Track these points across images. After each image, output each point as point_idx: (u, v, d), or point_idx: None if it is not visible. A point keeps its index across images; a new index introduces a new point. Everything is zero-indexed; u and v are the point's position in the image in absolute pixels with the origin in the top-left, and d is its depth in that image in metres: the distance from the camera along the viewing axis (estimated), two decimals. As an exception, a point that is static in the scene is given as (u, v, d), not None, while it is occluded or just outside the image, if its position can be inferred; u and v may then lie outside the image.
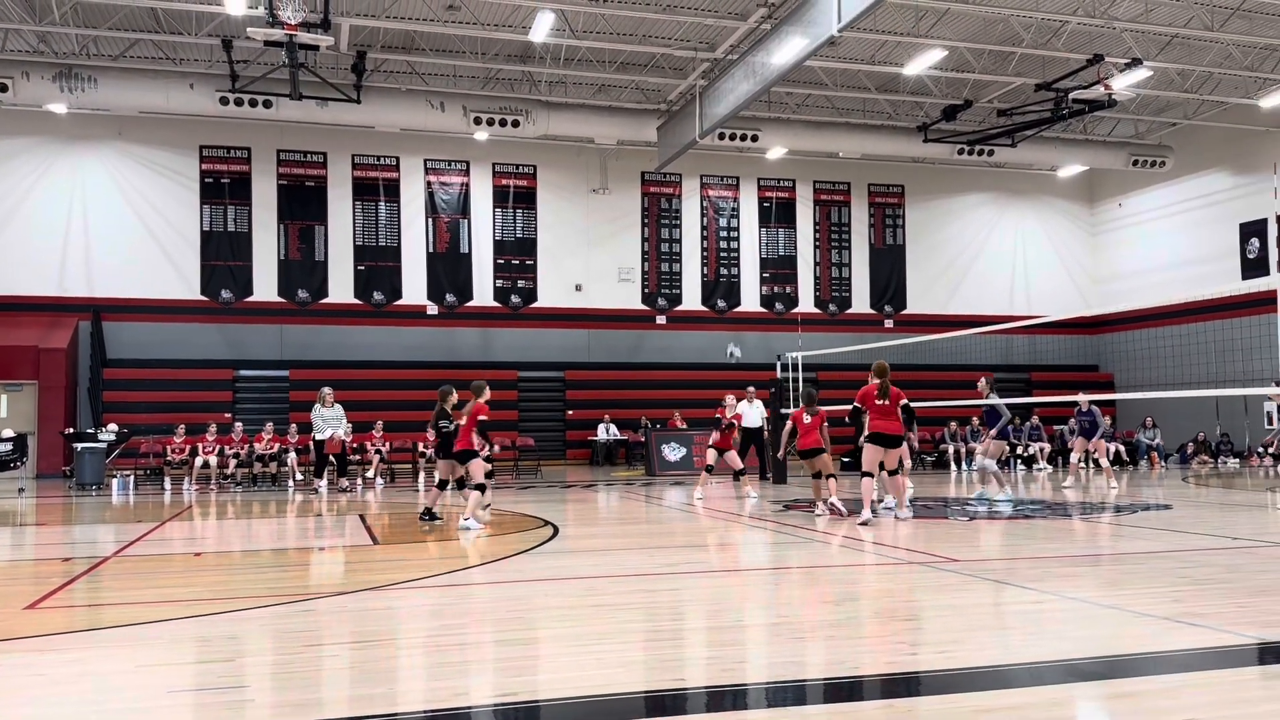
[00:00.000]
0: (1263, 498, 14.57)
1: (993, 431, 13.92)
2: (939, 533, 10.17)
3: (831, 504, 11.72)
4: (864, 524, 10.61)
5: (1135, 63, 20.01)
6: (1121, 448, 23.84)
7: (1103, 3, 19.12)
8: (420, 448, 20.53)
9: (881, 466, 11.25)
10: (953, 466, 22.66)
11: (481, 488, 10.98)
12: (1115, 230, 30.10)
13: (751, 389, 19.09)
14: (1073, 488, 16.00)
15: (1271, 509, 13.00)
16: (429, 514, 11.47)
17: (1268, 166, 24.47)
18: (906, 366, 24.91)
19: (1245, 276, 24.81)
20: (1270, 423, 25.05)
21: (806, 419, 12.28)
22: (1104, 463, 16.78)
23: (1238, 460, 24.08)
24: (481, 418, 10.93)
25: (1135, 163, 26.89)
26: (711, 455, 14.74)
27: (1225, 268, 25.76)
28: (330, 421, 17.38)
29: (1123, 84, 20.68)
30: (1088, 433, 16.68)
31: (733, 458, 14.67)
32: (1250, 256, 25.48)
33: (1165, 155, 27.07)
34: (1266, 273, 23.79)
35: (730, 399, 15.11)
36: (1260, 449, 24.30)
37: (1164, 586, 6.80)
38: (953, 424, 23.30)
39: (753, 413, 18.89)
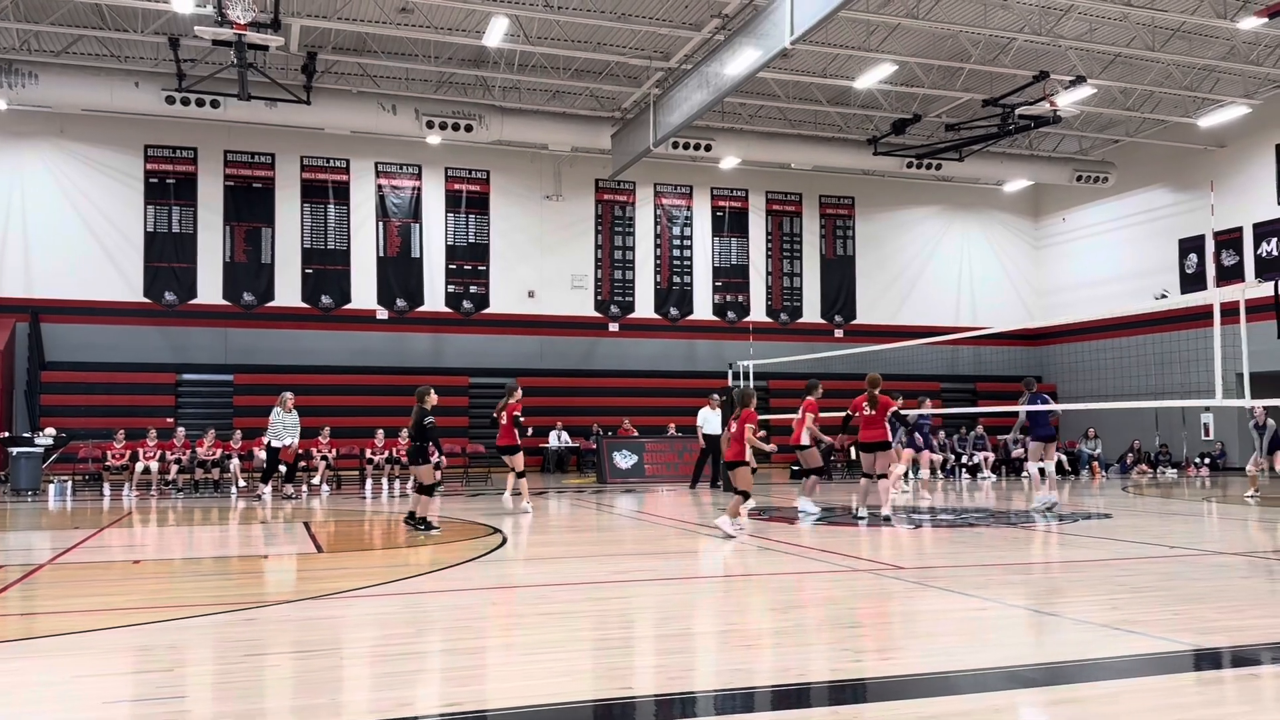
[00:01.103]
0: (1199, 507, 14.92)
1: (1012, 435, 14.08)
2: (884, 540, 10.28)
3: (729, 525, 10.43)
4: (886, 519, 11.62)
5: (1079, 80, 20.45)
6: (1064, 457, 24.26)
7: (1049, 21, 19.52)
8: (368, 454, 20.29)
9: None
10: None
11: (522, 474, 13.23)
12: (1059, 244, 30.69)
13: (715, 396, 19.20)
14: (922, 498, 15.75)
15: (1207, 518, 13.32)
16: (425, 523, 11.00)
17: (1205, 184, 25.11)
18: (856, 376, 25.17)
19: (1184, 291, 25.44)
20: (1207, 434, 25.68)
21: (733, 427, 10.96)
22: (924, 474, 16.35)
23: (1175, 470, 24.63)
24: (517, 413, 13.23)
25: (1079, 178, 27.46)
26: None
27: (1165, 282, 26.37)
28: (290, 428, 17.14)
29: (1067, 101, 21.13)
30: (914, 442, 16.11)
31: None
32: (1189, 271, 26.12)
33: (1108, 171, 27.68)
34: (1204, 287, 24.39)
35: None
36: (1197, 459, 24.89)
37: (1104, 594, 6.93)
38: (899, 432, 23.52)
39: (715, 420, 19.00)
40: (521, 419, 13.53)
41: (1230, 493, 17.97)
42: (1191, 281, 25.77)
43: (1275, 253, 23.93)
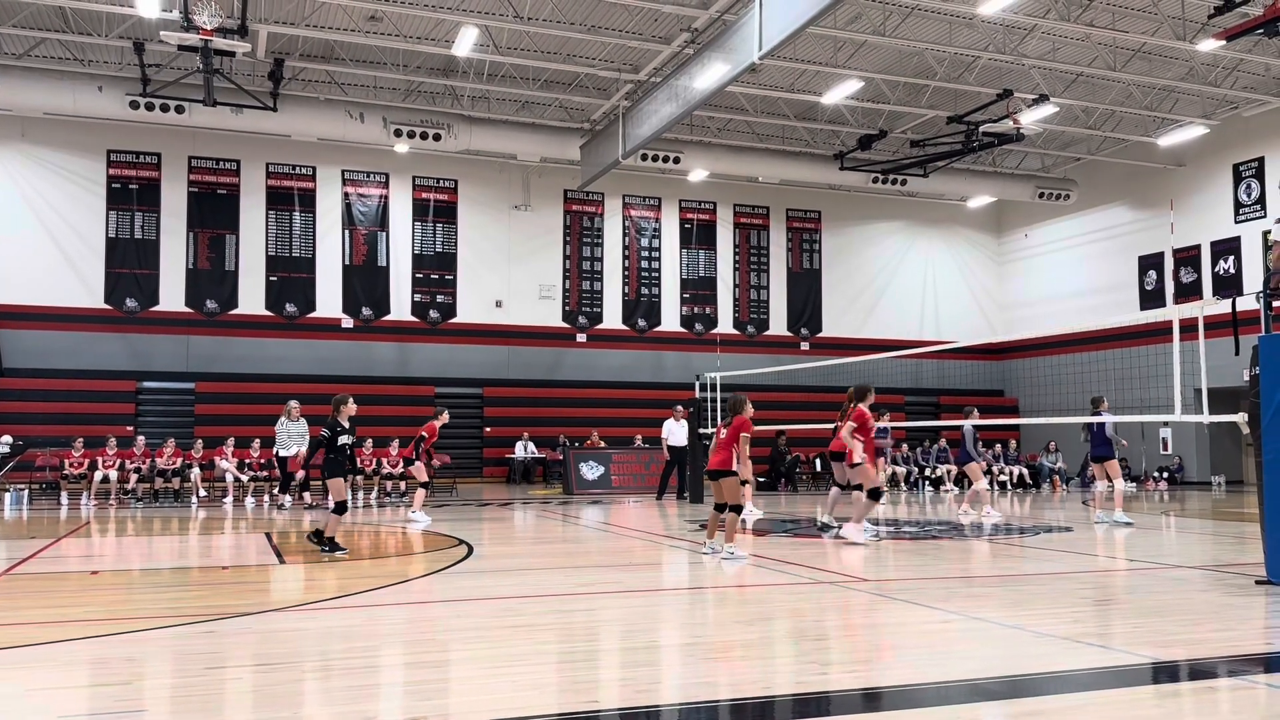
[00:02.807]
0: (1158, 520, 15.12)
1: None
2: (849, 553, 10.33)
3: (721, 549, 9.68)
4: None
5: (1042, 99, 20.75)
6: (1025, 471, 24.53)
7: (1013, 40, 19.81)
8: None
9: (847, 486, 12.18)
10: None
11: (427, 485, 14.40)
12: (1021, 260, 31.07)
13: (680, 408, 19.24)
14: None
15: (1166, 531, 13.51)
16: (333, 543, 10.03)
17: (1165, 202, 25.55)
18: (821, 389, 25.34)
19: (1143, 307, 25.84)
20: (1165, 448, 26.06)
21: (723, 433, 10.20)
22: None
23: (1135, 484, 24.94)
24: (423, 434, 14.25)
25: (1041, 195, 27.83)
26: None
27: (1124, 298, 26.78)
28: (295, 437, 16.92)
29: (1030, 119, 21.42)
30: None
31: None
32: (1148, 288, 26.54)
33: (1069, 189, 28.08)
34: (1163, 304, 24.80)
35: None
36: (1156, 473, 25.23)
37: (1065, 607, 7.00)
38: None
39: (680, 432, 19.06)
40: (425, 440, 14.43)
41: (1188, 506, 18.24)
42: (1151, 298, 26.19)
43: (1232, 270, 24.38)
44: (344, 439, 10.32)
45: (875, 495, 11.21)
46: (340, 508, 10.23)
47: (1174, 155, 25.53)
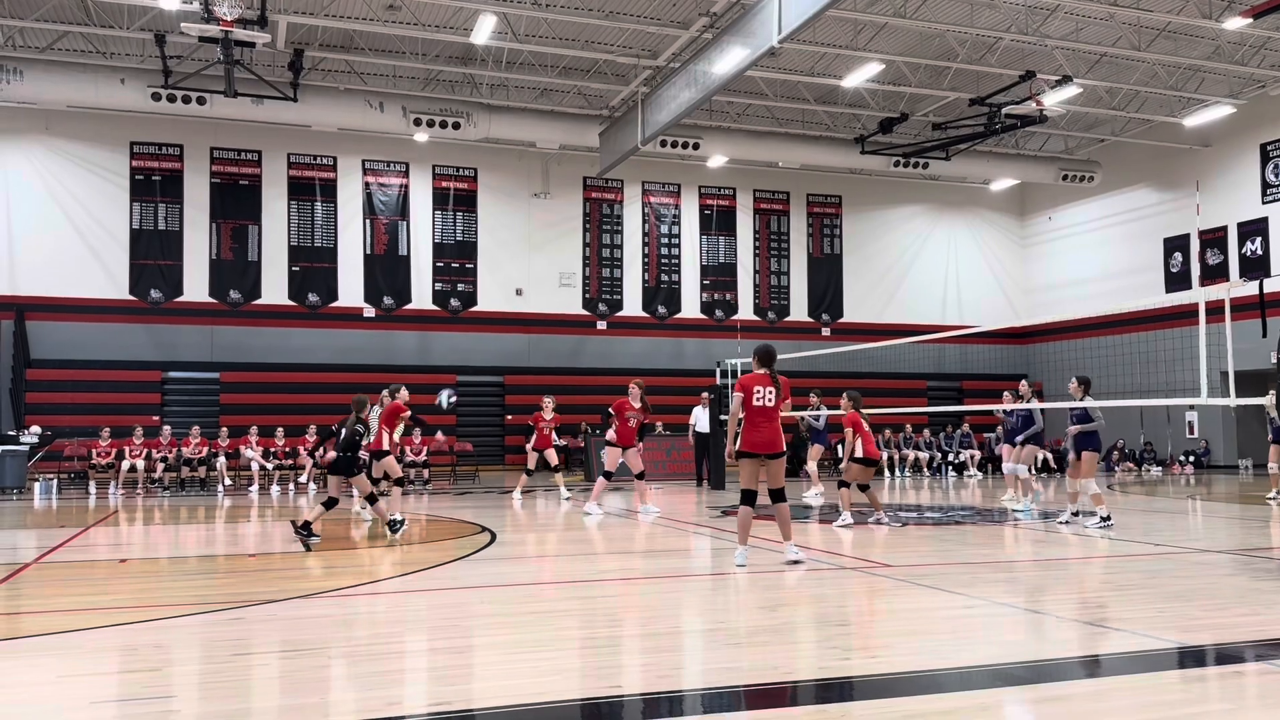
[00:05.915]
0: (1183, 505, 15.01)
1: (1020, 436, 13.98)
2: (872, 538, 10.31)
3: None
4: None
5: (1066, 80, 20.52)
6: (1049, 455, 24.36)
7: (1035, 20, 19.59)
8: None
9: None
10: (886, 473, 22.95)
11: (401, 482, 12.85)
12: (1045, 243, 30.81)
13: (706, 394, 19.25)
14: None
15: (1191, 516, 13.40)
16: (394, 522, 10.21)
17: (1190, 183, 25.25)
18: (843, 374, 25.18)
19: (1169, 290, 25.57)
20: (1191, 432, 25.82)
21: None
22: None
23: (1160, 468, 24.76)
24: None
25: (1065, 177, 27.56)
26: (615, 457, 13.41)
27: (1149, 281, 26.51)
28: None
29: (1053, 100, 21.19)
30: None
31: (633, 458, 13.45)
32: (1173, 271, 26.26)
33: (1093, 170, 27.79)
34: (1189, 287, 24.52)
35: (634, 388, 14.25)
36: (1182, 457, 25.02)
37: (1089, 592, 6.97)
38: (886, 431, 23.61)
39: (703, 417, 19.09)
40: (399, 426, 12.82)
41: (1215, 490, 18.09)
42: (1176, 280, 25.91)
43: (1259, 251, 24.09)
44: (360, 433, 10.40)
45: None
46: (374, 499, 10.55)
47: (1200, 135, 25.21)
